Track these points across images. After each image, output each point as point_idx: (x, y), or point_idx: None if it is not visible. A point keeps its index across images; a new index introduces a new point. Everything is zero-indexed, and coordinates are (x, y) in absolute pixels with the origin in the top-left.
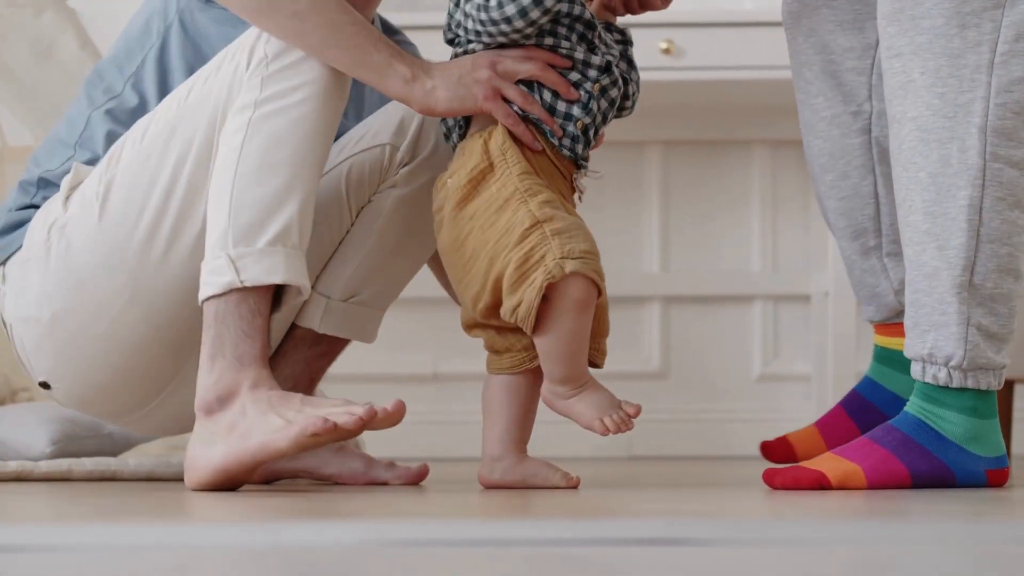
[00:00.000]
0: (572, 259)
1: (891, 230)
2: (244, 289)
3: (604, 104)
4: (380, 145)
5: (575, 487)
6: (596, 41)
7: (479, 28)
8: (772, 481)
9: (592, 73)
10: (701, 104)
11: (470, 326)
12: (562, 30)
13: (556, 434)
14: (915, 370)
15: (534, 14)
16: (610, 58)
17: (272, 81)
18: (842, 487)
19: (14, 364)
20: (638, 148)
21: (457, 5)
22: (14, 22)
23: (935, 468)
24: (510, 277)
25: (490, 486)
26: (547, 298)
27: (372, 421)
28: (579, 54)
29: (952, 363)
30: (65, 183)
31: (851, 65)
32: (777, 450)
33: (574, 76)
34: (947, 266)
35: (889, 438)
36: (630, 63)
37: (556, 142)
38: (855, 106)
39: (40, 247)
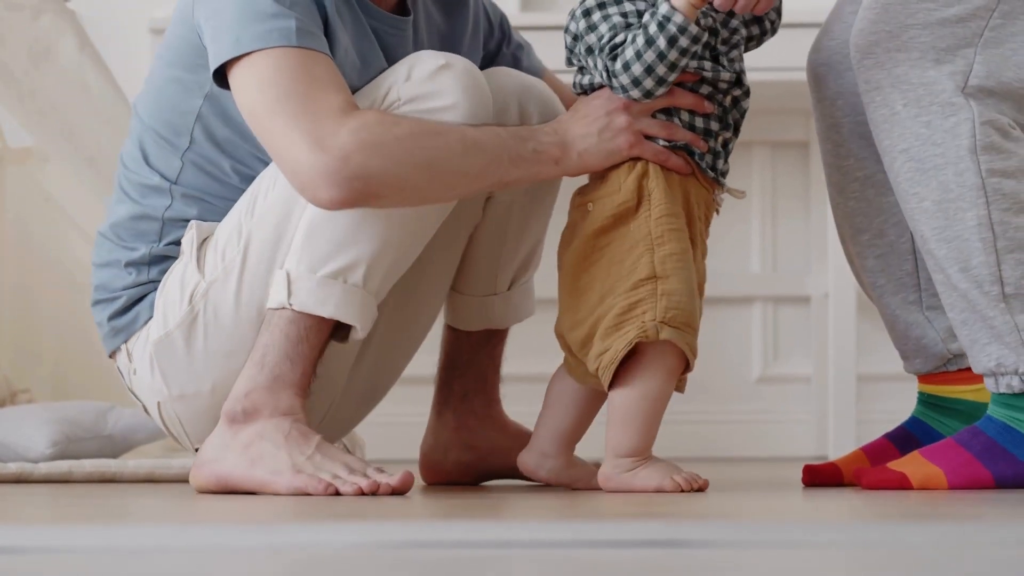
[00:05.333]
0: (671, 327)
1: (929, 284)
2: (296, 312)
3: (737, 115)
4: None
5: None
6: (720, 47)
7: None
8: (860, 481)
9: (723, 85)
10: None
11: (560, 336)
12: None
13: None
14: (989, 384)
15: (660, 70)
16: (739, 69)
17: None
18: (923, 488)
19: (14, 365)
20: None
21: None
22: (13, 24)
23: (1019, 473)
24: (608, 322)
25: (534, 479)
26: (638, 355)
27: (375, 493)
28: (707, 72)
29: (1021, 370)
30: (188, 245)
31: None
32: (823, 473)
33: (705, 90)
34: (976, 285)
35: (974, 442)
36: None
37: (700, 162)
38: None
39: (183, 320)
